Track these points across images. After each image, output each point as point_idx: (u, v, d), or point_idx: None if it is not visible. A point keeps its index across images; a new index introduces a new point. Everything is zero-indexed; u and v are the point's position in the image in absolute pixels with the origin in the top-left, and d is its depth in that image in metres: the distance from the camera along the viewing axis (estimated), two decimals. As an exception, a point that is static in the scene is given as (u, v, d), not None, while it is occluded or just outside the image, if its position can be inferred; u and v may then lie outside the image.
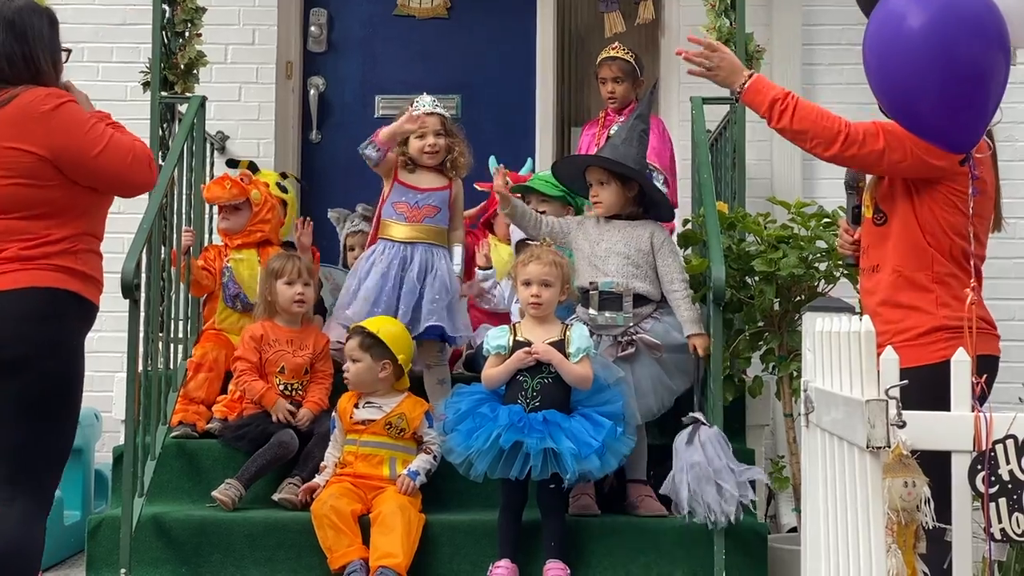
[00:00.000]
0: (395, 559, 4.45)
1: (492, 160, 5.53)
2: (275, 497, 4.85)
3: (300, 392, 5.20)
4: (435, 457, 4.81)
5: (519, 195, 5.31)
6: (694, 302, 5.03)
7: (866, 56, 3.68)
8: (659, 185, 5.44)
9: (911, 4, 3.52)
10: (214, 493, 4.80)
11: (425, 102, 5.28)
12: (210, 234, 5.98)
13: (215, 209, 5.81)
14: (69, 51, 3.85)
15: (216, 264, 5.59)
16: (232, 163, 6.14)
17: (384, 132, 5.14)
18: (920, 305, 3.70)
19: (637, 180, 4.97)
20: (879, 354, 2.81)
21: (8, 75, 3.62)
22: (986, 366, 3.33)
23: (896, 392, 2.73)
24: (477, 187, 5.89)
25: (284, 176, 6.11)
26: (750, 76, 3.95)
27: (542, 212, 5.33)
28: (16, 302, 3.52)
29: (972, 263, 3.67)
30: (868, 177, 3.98)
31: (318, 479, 4.85)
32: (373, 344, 4.86)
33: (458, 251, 5.30)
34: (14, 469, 3.53)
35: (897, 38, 3.54)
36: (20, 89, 3.61)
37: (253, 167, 6.04)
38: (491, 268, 5.56)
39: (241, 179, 5.60)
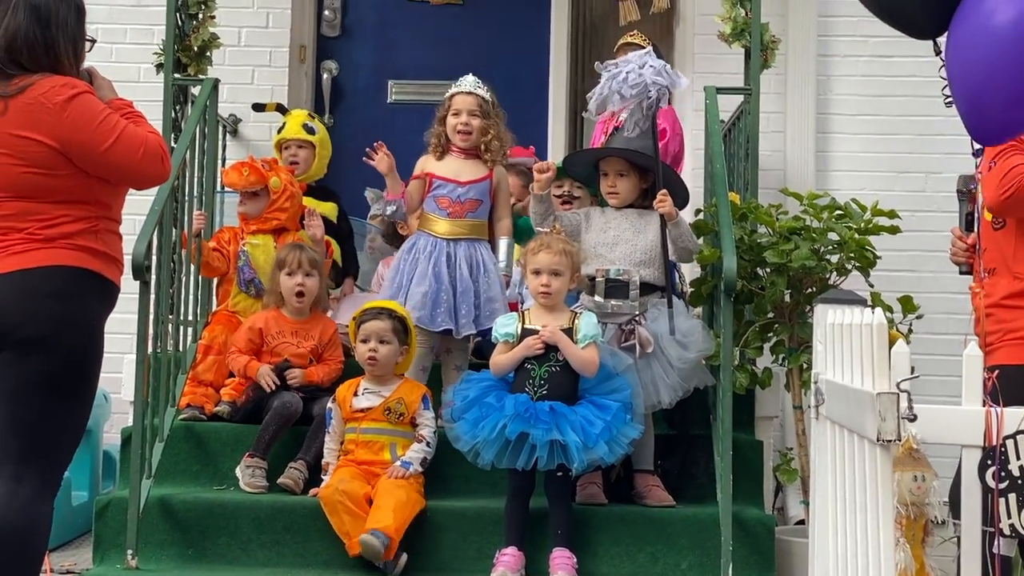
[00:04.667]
0: (385, 522, 4.44)
1: None
2: (279, 481, 4.84)
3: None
4: (428, 444, 4.78)
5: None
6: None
7: (949, 38, 3.60)
8: None
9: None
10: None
11: (468, 81, 5.24)
12: (221, 217, 5.98)
13: (226, 191, 5.80)
14: (93, 41, 3.79)
15: (231, 247, 5.58)
16: (258, 107, 6.12)
17: (388, 182, 5.09)
18: None
19: (655, 173, 4.95)
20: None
21: (27, 62, 3.56)
22: None
23: (908, 385, 2.71)
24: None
25: (312, 117, 6.08)
26: None
27: (576, 198, 5.34)
28: (37, 280, 3.50)
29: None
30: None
31: (325, 480, 4.78)
32: (402, 330, 4.87)
33: (504, 244, 5.21)
34: (26, 448, 3.49)
35: (990, 19, 3.44)
36: (37, 77, 3.55)
37: (282, 108, 6.03)
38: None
39: (263, 165, 5.58)
